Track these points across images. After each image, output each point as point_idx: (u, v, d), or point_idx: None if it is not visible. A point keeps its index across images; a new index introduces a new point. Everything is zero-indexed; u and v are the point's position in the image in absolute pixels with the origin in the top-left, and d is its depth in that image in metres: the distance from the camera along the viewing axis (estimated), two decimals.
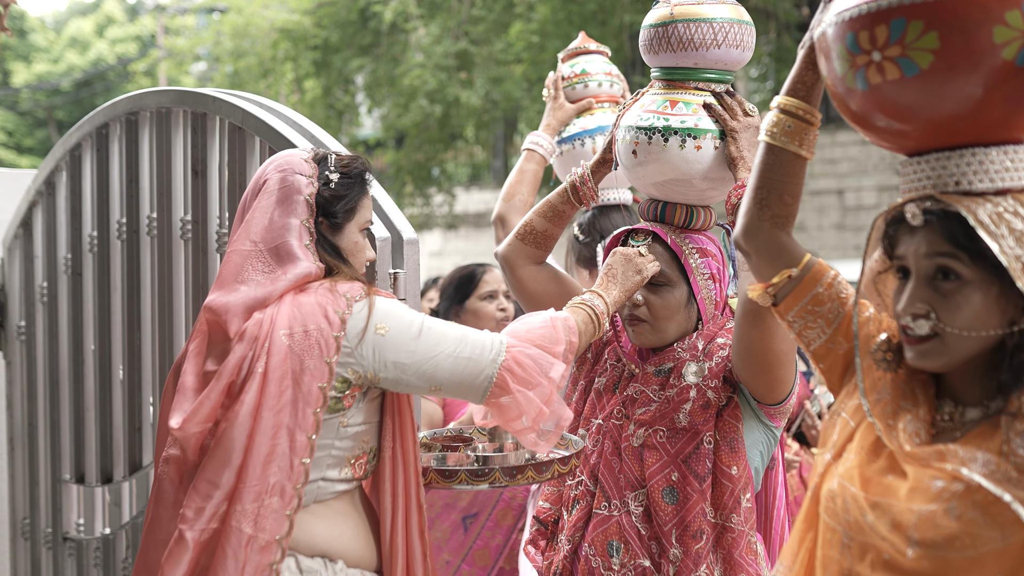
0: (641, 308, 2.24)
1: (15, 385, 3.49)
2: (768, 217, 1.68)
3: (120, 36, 26.53)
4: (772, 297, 1.68)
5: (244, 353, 2.00)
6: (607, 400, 2.30)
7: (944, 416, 1.51)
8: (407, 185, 14.81)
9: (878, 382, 1.54)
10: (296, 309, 1.99)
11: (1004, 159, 1.46)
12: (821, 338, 1.65)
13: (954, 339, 1.44)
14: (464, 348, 2.03)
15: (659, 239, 2.27)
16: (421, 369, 2.02)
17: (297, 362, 1.96)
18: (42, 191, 3.37)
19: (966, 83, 1.40)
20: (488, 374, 2.03)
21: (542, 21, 11.75)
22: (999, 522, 1.35)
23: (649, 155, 2.24)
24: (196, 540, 1.94)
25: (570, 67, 2.99)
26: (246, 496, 1.95)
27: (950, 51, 1.39)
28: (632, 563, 2.18)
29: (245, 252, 2.05)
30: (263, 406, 1.96)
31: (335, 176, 2.09)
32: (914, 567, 1.40)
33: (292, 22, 13.57)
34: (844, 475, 1.51)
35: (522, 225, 2.43)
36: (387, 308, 2.04)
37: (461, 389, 2.06)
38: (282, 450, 1.96)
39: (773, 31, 13.34)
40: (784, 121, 1.68)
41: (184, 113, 2.83)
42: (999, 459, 1.38)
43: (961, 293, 1.43)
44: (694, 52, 2.23)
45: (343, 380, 2.01)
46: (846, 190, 13.12)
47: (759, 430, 2.23)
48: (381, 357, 2.00)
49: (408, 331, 2.02)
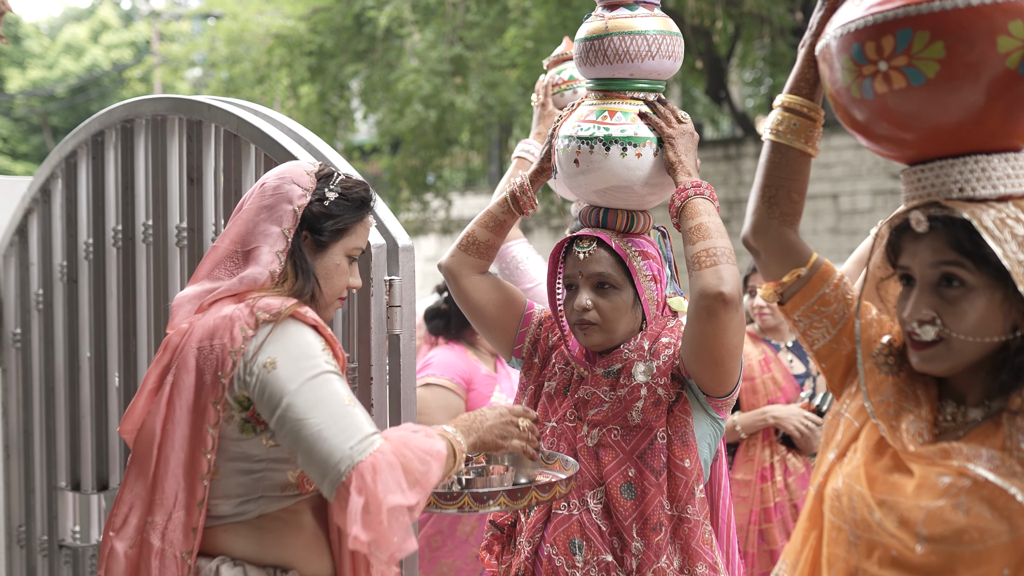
0: (591, 312, 2.29)
1: (11, 392, 3.49)
2: (777, 215, 1.71)
3: (115, 42, 26.53)
4: (779, 296, 1.70)
5: (165, 362, 2.00)
6: (559, 403, 2.36)
7: (947, 416, 1.53)
8: (403, 191, 14.83)
9: (881, 384, 1.57)
10: (213, 321, 1.96)
11: (1006, 166, 1.49)
12: (826, 338, 1.67)
13: (959, 344, 1.47)
14: (333, 427, 1.83)
15: (603, 244, 2.32)
16: (286, 426, 1.86)
17: (200, 377, 1.94)
18: (38, 198, 3.37)
19: (971, 91, 1.43)
20: (340, 469, 1.82)
21: (537, 26, 11.78)
22: (1006, 515, 1.38)
23: (591, 164, 2.30)
24: (126, 553, 1.94)
25: (557, 73, 3.00)
26: (157, 508, 1.94)
27: (956, 60, 1.42)
28: (595, 559, 2.24)
29: (223, 250, 2.04)
30: (168, 419, 1.95)
31: (332, 195, 2.05)
32: (923, 562, 1.42)
33: (287, 28, 13.59)
34: (850, 474, 1.54)
35: (464, 236, 2.47)
36: (292, 341, 1.91)
37: (313, 474, 1.86)
38: (186, 466, 1.94)
39: (767, 36, 13.38)
40: (789, 119, 1.70)
41: (180, 120, 2.84)
42: (1003, 454, 1.41)
43: (966, 299, 1.46)
44: (629, 63, 2.30)
45: (238, 399, 1.93)
46: (840, 194, 13.15)
47: (707, 423, 2.30)
48: (260, 391, 1.90)
49: (296, 376, 1.87)
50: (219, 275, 2.03)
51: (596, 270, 2.30)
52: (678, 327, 2.35)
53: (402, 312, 2.29)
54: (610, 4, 2.35)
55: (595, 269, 2.30)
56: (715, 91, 14.73)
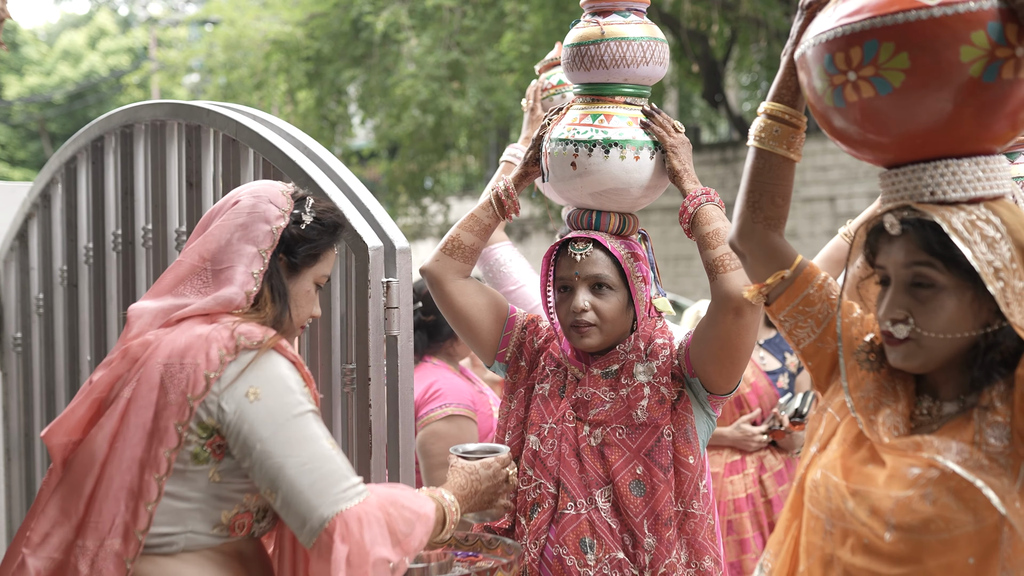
0: (589, 313, 2.31)
1: (11, 396, 3.51)
2: (761, 219, 1.75)
3: (113, 48, 26.56)
4: (765, 297, 1.75)
5: (120, 372, 1.88)
6: (555, 405, 2.37)
7: (923, 411, 1.59)
8: (400, 195, 14.85)
9: (862, 381, 1.62)
10: (185, 339, 1.85)
11: (976, 169, 1.54)
12: (811, 337, 1.72)
13: (930, 342, 1.53)
14: (320, 468, 1.79)
15: (599, 245, 2.35)
16: (265, 464, 1.79)
17: (163, 395, 1.82)
18: (38, 203, 3.40)
19: (937, 99, 1.49)
20: (323, 515, 1.78)
21: (534, 31, 11.82)
22: (971, 507, 1.43)
23: (590, 167, 2.33)
24: (38, 572, 1.80)
25: (547, 79, 3.02)
26: (90, 532, 1.81)
27: (920, 70, 1.48)
28: (607, 557, 2.26)
29: (190, 266, 1.94)
30: (120, 436, 1.83)
31: (308, 218, 1.99)
32: (891, 550, 1.48)
33: (284, 34, 13.61)
34: (827, 465, 1.59)
35: (448, 240, 2.48)
36: (275, 373, 1.85)
37: (291, 516, 1.80)
38: (131, 488, 1.80)
39: (764, 39, 13.42)
40: (771, 126, 1.75)
41: (178, 125, 2.86)
42: (972, 448, 1.47)
43: (937, 299, 1.51)
44: (625, 68, 2.35)
45: (203, 425, 1.83)
46: (837, 197, 13.18)
47: (704, 420, 2.36)
48: (237, 422, 1.81)
49: (279, 411, 1.81)
50: (184, 291, 1.93)
51: (593, 272, 2.32)
52: (667, 328, 2.40)
53: (399, 313, 2.31)
54: (601, 11, 2.38)
55: (592, 271, 2.32)
56: (712, 95, 14.77)
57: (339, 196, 2.37)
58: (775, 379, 3.91)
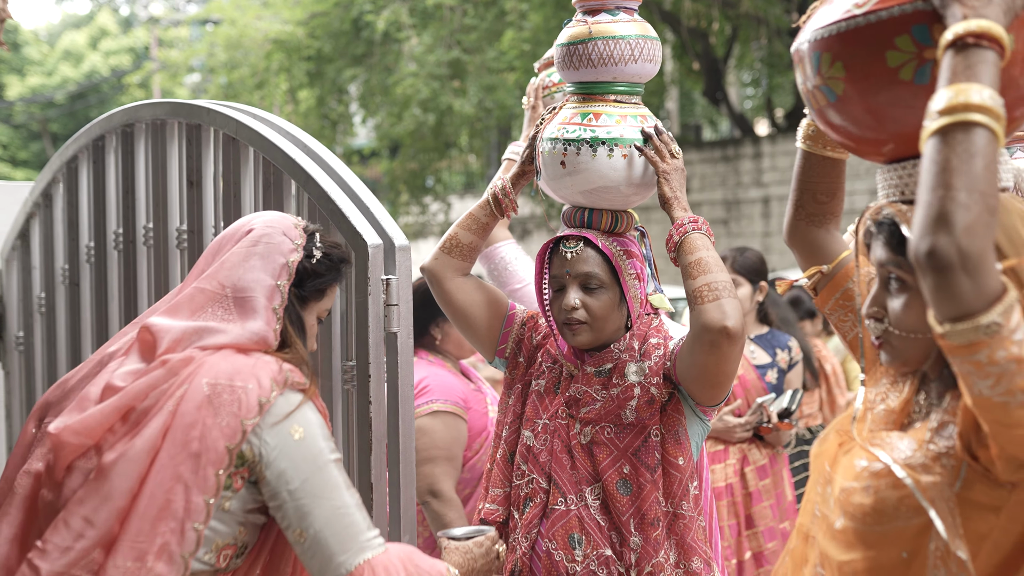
0: (579, 311, 2.33)
1: (14, 395, 3.53)
2: (803, 216, 1.85)
3: (114, 48, 26.59)
4: (813, 290, 1.83)
5: (158, 383, 1.84)
6: (550, 401, 2.40)
7: (919, 406, 1.60)
8: (402, 194, 14.85)
9: (879, 375, 1.66)
10: (230, 364, 1.85)
11: None
12: (853, 331, 1.79)
13: (899, 340, 1.55)
14: (350, 515, 1.84)
15: (590, 243, 2.36)
16: (301, 501, 1.82)
17: (211, 415, 1.80)
18: (39, 203, 3.41)
19: (876, 104, 1.53)
20: (350, 561, 1.82)
21: (534, 29, 11.83)
22: (905, 503, 1.46)
23: (578, 165, 2.34)
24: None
25: (547, 76, 3.03)
26: (126, 551, 1.74)
27: (855, 77, 1.53)
28: (595, 553, 2.28)
29: (211, 293, 1.93)
30: (164, 450, 1.78)
31: (318, 253, 2.00)
32: (841, 537, 1.53)
33: (285, 33, 13.63)
34: (825, 452, 1.64)
35: (447, 239, 2.50)
36: (310, 420, 1.87)
37: (316, 557, 1.83)
38: (177, 508, 1.77)
39: (764, 37, 13.43)
40: (808, 125, 1.84)
41: (179, 125, 2.87)
42: (919, 446, 1.49)
43: (904, 297, 1.53)
44: (613, 67, 2.35)
45: (240, 454, 1.82)
46: None
47: (696, 423, 2.37)
48: (278, 457, 1.83)
49: (317, 456, 1.85)
50: (207, 318, 1.91)
51: (584, 270, 2.34)
52: (663, 327, 2.40)
53: (399, 311, 2.32)
54: (591, 10, 2.39)
55: (583, 269, 2.34)
56: (713, 92, 14.77)
57: (338, 194, 2.38)
58: (764, 373, 3.92)
